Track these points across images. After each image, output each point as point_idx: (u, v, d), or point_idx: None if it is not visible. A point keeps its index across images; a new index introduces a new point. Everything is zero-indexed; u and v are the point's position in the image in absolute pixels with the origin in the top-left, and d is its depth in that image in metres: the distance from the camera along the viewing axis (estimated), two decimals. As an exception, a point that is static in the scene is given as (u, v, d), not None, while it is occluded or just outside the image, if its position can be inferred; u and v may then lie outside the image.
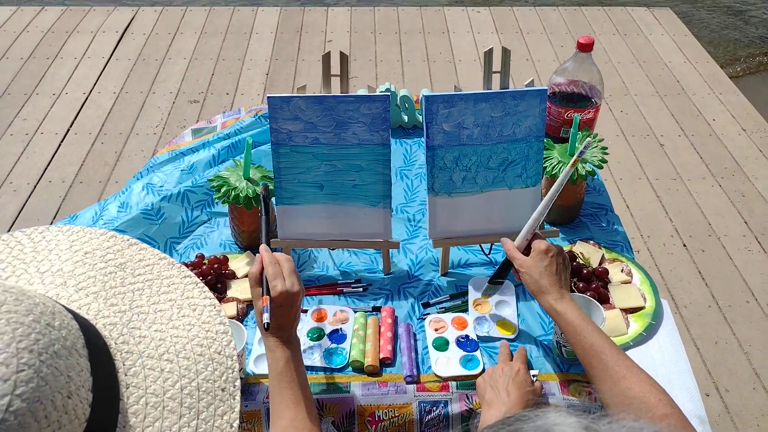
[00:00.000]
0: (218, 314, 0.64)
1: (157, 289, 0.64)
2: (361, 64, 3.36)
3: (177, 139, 1.58)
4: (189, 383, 0.57)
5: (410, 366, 1.02)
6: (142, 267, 0.65)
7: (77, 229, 0.67)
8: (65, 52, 3.41)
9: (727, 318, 2.12)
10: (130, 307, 0.61)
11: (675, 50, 3.54)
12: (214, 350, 0.60)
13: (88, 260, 0.64)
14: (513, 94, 1.07)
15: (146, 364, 0.56)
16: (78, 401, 0.47)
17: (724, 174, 2.71)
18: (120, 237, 0.68)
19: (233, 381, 0.59)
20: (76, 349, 0.49)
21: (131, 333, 0.58)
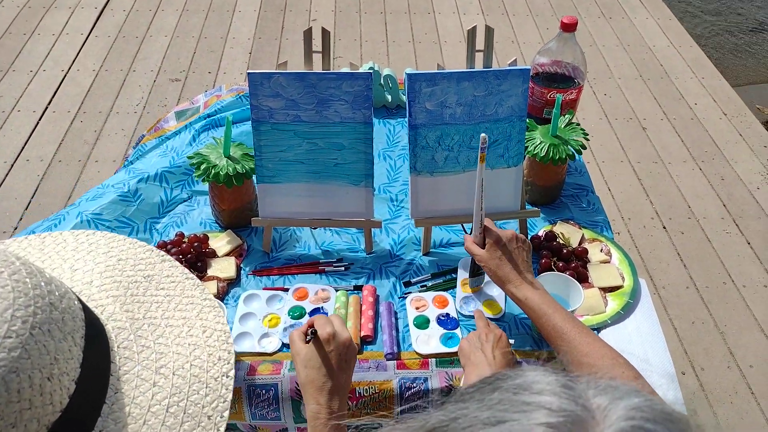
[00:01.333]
0: (226, 341, 0.63)
1: (176, 305, 0.64)
2: (346, 43, 3.33)
3: (162, 123, 1.56)
4: (176, 403, 0.56)
5: (391, 344, 1.02)
6: (168, 282, 0.66)
7: (120, 238, 0.69)
8: (42, 27, 3.33)
9: (704, 299, 2.16)
10: (143, 317, 0.61)
11: (659, 34, 3.56)
12: (211, 375, 0.60)
13: (119, 266, 0.65)
14: (496, 73, 1.06)
15: (141, 374, 0.56)
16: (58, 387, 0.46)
17: (704, 157, 2.75)
18: (156, 252, 0.69)
19: (222, 411, 0.58)
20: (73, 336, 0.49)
21: (136, 341, 0.58)
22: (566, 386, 0.35)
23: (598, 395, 0.34)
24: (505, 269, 0.94)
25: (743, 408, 1.85)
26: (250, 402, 0.99)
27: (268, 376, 0.99)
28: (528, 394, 0.34)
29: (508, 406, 0.34)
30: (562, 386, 0.35)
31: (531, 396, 0.34)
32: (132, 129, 2.73)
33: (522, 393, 0.35)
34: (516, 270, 0.94)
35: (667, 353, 1.06)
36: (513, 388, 0.35)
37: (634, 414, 0.33)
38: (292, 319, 1.06)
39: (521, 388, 0.35)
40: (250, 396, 0.99)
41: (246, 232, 1.23)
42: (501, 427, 0.33)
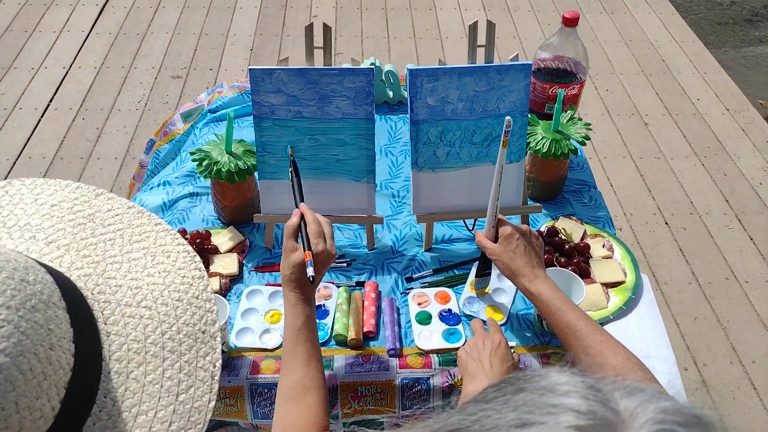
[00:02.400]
0: (192, 260, 0.63)
1: (129, 238, 0.63)
2: (347, 39, 3.32)
3: (170, 126, 1.57)
4: (169, 328, 0.57)
5: (393, 339, 1.02)
6: (112, 216, 0.65)
7: (41, 182, 0.66)
8: (44, 25, 3.33)
9: (707, 294, 2.15)
10: (103, 258, 0.60)
11: (661, 29, 3.54)
12: (192, 295, 0.60)
13: (55, 213, 0.63)
14: (497, 68, 1.06)
15: (125, 312, 0.56)
16: (61, 352, 0.48)
17: (707, 153, 2.74)
18: (86, 188, 0.66)
19: (212, 323, 0.60)
20: (53, 301, 0.49)
21: (107, 283, 0.58)
22: (593, 388, 0.34)
23: (625, 397, 0.34)
24: (519, 262, 0.93)
25: (746, 404, 1.85)
26: (253, 400, 0.99)
27: (271, 375, 0.99)
28: (554, 396, 0.34)
29: (533, 408, 0.34)
30: (589, 388, 0.34)
31: (557, 398, 0.34)
32: (134, 126, 2.73)
33: (548, 395, 0.34)
34: (530, 264, 0.93)
35: (670, 349, 1.06)
36: (538, 390, 0.35)
37: (664, 417, 0.32)
38: (295, 315, 1.06)
39: (547, 389, 0.34)
40: (252, 394, 0.99)
41: (248, 229, 1.23)
42: (527, 430, 0.32)
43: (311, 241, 0.86)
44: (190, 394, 0.56)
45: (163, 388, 0.55)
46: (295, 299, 0.86)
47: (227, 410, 1.00)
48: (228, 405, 1.00)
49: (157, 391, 0.55)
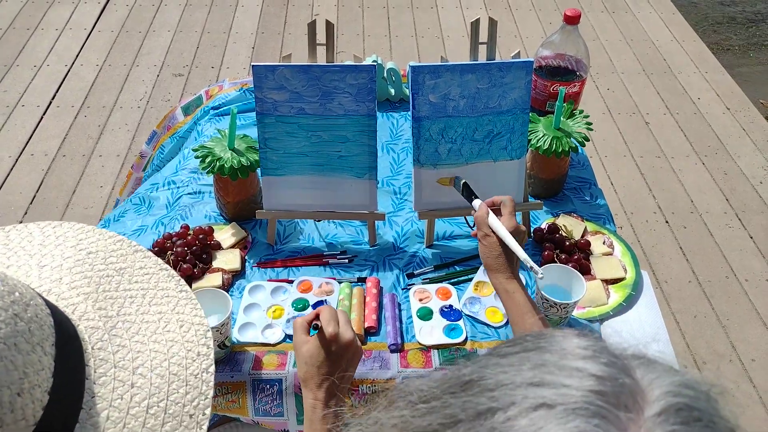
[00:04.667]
0: (205, 335, 0.61)
1: (150, 299, 0.62)
2: (349, 38, 3.33)
3: (171, 120, 1.57)
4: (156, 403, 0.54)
5: (394, 335, 1.03)
6: (142, 275, 0.64)
7: (89, 229, 0.66)
8: (46, 22, 3.34)
9: (707, 292, 2.16)
10: (117, 314, 0.59)
11: (662, 28, 3.55)
12: (191, 372, 0.57)
13: (89, 260, 0.62)
14: (499, 65, 1.07)
15: (118, 375, 0.54)
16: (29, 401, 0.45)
17: (707, 152, 2.74)
18: (127, 242, 0.66)
19: (203, 408, 0.56)
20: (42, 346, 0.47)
21: (111, 340, 0.56)
22: (612, 355, 0.35)
23: (642, 367, 0.34)
24: (501, 260, 0.93)
25: (745, 402, 1.86)
26: (254, 396, 0.99)
27: (273, 371, 0.99)
28: (574, 359, 0.34)
29: (553, 369, 0.34)
30: (609, 354, 0.35)
31: (577, 361, 0.34)
32: (136, 124, 2.73)
33: (569, 357, 0.34)
34: (510, 263, 0.94)
35: (669, 345, 1.07)
36: (558, 351, 0.35)
37: (680, 390, 0.33)
38: (296, 311, 1.07)
39: (567, 352, 0.35)
40: (254, 390, 0.99)
41: (250, 225, 1.23)
42: (545, 390, 0.33)
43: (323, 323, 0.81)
44: None
45: None
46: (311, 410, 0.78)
47: (229, 406, 1.01)
48: (230, 401, 1.00)
49: None
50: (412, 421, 0.36)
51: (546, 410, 0.32)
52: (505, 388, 0.34)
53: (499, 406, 0.33)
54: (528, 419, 0.32)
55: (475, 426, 0.33)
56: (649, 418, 0.32)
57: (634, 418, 0.32)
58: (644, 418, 0.32)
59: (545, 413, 0.32)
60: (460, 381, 0.36)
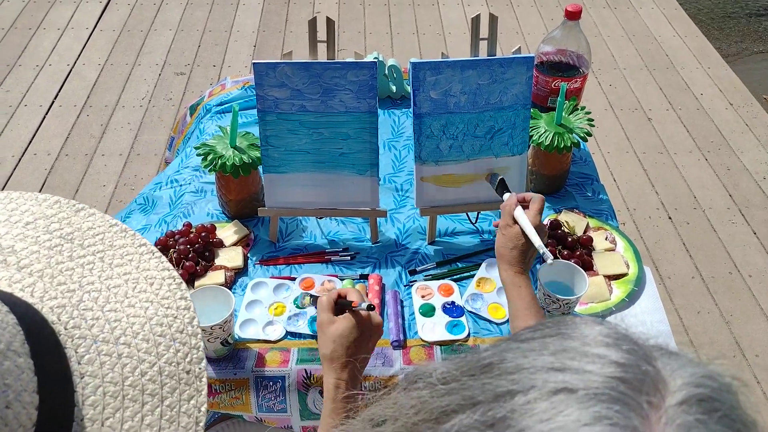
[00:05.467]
0: (179, 288, 0.57)
1: (110, 261, 0.57)
2: (350, 36, 3.32)
3: (182, 124, 1.58)
4: (150, 367, 0.52)
5: (397, 331, 1.03)
6: (92, 236, 0.58)
7: (15, 196, 0.59)
8: (48, 22, 3.34)
9: (710, 288, 2.15)
10: (80, 285, 0.54)
11: (664, 24, 3.54)
12: (176, 329, 0.55)
13: (30, 232, 0.56)
14: (500, 61, 1.06)
15: (101, 349, 0.51)
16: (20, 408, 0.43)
17: (710, 148, 2.74)
18: (65, 202, 0.60)
19: (198, 361, 0.54)
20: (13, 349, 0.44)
21: (83, 315, 0.52)
22: (635, 343, 0.34)
23: (664, 357, 0.34)
24: (520, 254, 0.93)
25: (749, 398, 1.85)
26: (258, 393, 1.00)
27: (277, 368, 0.99)
28: (597, 346, 0.34)
29: (575, 354, 0.34)
30: (631, 342, 0.34)
31: (599, 348, 0.34)
32: (138, 123, 2.74)
33: (591, 344, 0.34)
34: (524, 261, 0.93)
35: (673, 341, 1.06)
36: (579, 338, 0.35)
37: (702, 381, 0.33)
38: (298, 308, 1.07)
39: (589, 338, 0.35)
40: (257, 387, 0.99)
41: (253, 222, 1.24)
42: (566, 374, 0.32)
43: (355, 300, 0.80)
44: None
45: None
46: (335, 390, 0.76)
47: (232, 403, 1.01)
48: (233, 398, 1.00)
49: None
50: (431, 401, 0.36)
51: (567, 394, 0.32)
52: (525, 372, 0.33)
53: (519, 388, 0.33)
54: (548, 402, 0.31)
55: (494, 407, 0.32)
56: (671, 407, 0.31)
57: (655, 406, 0.31)
58: (665, 407, 0.31)
59: (566, 397, 0.31)
60: (480, 363, 0.36)
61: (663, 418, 0.31)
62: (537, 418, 0.31)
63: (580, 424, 0.30)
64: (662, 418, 0.31)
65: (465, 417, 0.33)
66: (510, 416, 0.32)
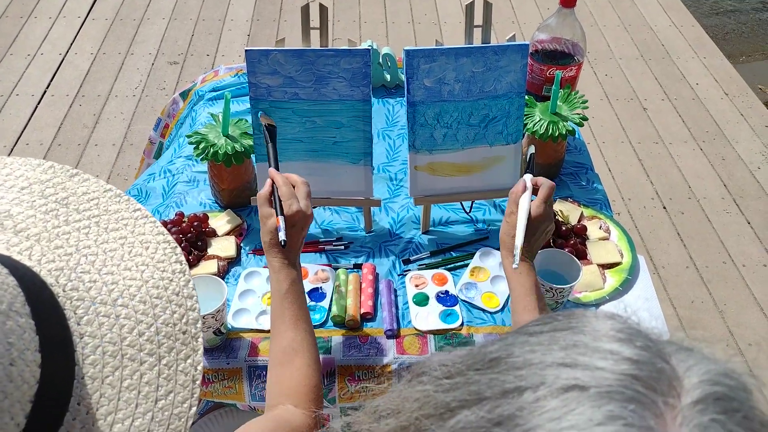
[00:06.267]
0: (174, 252, 0.59)
1: (105, 225, 0.58)
2: (345, 24, 3.30)
3: (173, 107, 1.57)
4: (147, 328, 0.54)
5: (390, 320, 1.03)
6: (87, 201, 0.60)
7: (10, 161, 0.60)
8: (39, 11, 3.31)
9: (704, 278, 2.16)
10: (77, 249, 0.56)
11: (660, 13, 3.52)
12: (172, 291, 0.56)
13: (25, 197, 0.58)
14: (494, 48, 1.06)
15: (99, 310, 0.53)
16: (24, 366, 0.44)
17: (705, 138, 2.74)
18: (59, 167, 0.61)
19: (194, 322, 0.56)
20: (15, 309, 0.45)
21: (80, 278, 0.54)
22: (648, 339, 0.33)
23: (678, 353, 0.33)
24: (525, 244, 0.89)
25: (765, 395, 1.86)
26: (251, 382, 0.99)
27: (269, 357, 0.99)
28: (609, 342, 0.33)
29: (586, 350, 0.32)
30: (644, 338, 0.33)
31: (612, 344, 0.33)
32: (131, 113, 2.72)
33: (603, 340, 0.33)
34: (530, 250, 0.91)
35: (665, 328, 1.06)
36: (592, 333, 0.34)
37: (719, 379, 0.32)
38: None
39: (602, 334, 0.33)
40: (250, 376, 0.99)
41: (246, 212, 1.23)
42: (578, 371, 0.31)
43: (283, 204, 0.86)
44: (170, 400, 0.52)
45: (141, 394, 0.51)
46: (279, 264, 0.86)
47: (225, 392, 1.01)
48: (226, 387, 1.00)
49: (135, 397, 0.51)
50: (435, 396, 0.35)
51: (578, 392, 0.30)
52: (534, 368, 0.32)
53: (528, 385, 0.31)
54: (559, 400, 0.30)
55: (501, 404, 0.31)
56: (687, 406, 0.30)
57: (671, 405, 0.30)
58: (681, 406, 0.30)
59: (578, 395, 0.30)
60: (486, 358, 0.35)
61: (678, 418, 0.30)
62: (547, 416, 0.30)
63: (593, 423, 0.29)
64: (678, 417, 0.30)
65: (470, 413, 0.32)
66: (518, 414, 0.31)
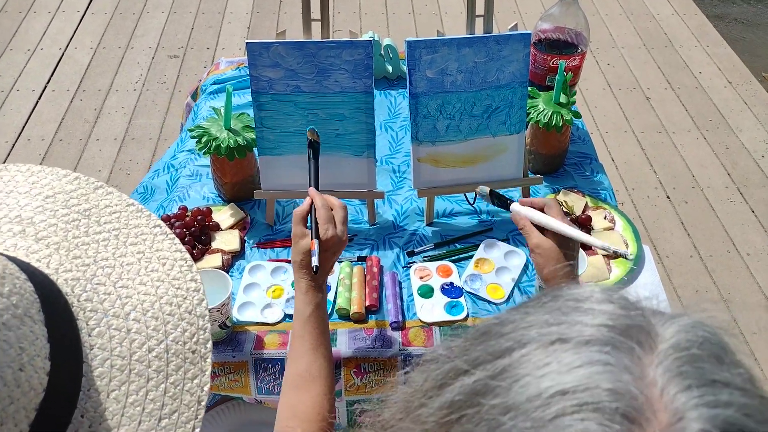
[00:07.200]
0: (189, 270, 0.59)
1: (125, 239, 0.59)
2: (345, 16, 3.28)
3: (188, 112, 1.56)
4: (157, 345, 0.54)
5: (396, 313, 1.03)
6: (109, 214, 0.60)
7: (38, 170, 0.61)
8: (38, 5, 3.29)
9: (708, 267, 2.16)
10: (94, 260, 0.56)
11: (663, 2, 3.50)
12: (185, 309, 0.56)
13: (49, 206, 0.58)
14: (497, 38, 1.05)
15: (111, 323, 0.53)
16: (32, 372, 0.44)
17: (708, 126, 2.72)
18: (85, 179, 0.62)
19: (204, 342, 0.56)
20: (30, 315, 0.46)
21: (95, 290, 0.54)
22: (628, 300, 0.36)
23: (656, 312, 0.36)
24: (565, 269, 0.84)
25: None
26: (257, 375, 1.00)
27: (276, 351, 0.99)
28: (591, 303, 0.36)
29: (569, 311, 0.35)
30: (623, 298, 0.36)
31: (592, 304, 0.35)
32: (132, 107, 2.71)
33: (585, 302, 0.36)
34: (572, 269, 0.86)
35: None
36: (575, 297, 0.36)
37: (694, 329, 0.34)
38: (297, 290, 1.07)
39: (584, 298, 0.36)
40: (256, 370, 0.99)
41: (249, 205, 1.23)
42: (561, 327, 0.34)
43: (320, 228, 0.84)
44: (173, 419, 0.52)
45: (145, 411, 0.51)
46: (306, 286, 0.85)
47: (231, 385, 1.01)
48: (232, 380, 1.00)
49: (138, 414, 0.51)
50: (436, 369, 0.38)
51: (561, 344, 0.33)
52: (522, 330, 0.35)
53: (516, 345, 0.35)
54: (544, 352, 0.33)
55: (495, 365, 0.34)
56: (662, 351, 0.33)
57: (647, 349, 0.33)
58: (657, 351, 0.33)
59: (560, 346, 0.33)
60: (479, 331, 0.38)
61: (655, 361, 0.32)
62: (534, 365, 0.33)
63: (573, 366, 0.32)
64: (654, 360, 0.32)
65: (468, 377, 0.35)
66: (509, 366, 0.34)
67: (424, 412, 0.36)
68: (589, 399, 0.31)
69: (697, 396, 0.31)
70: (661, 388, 0.31)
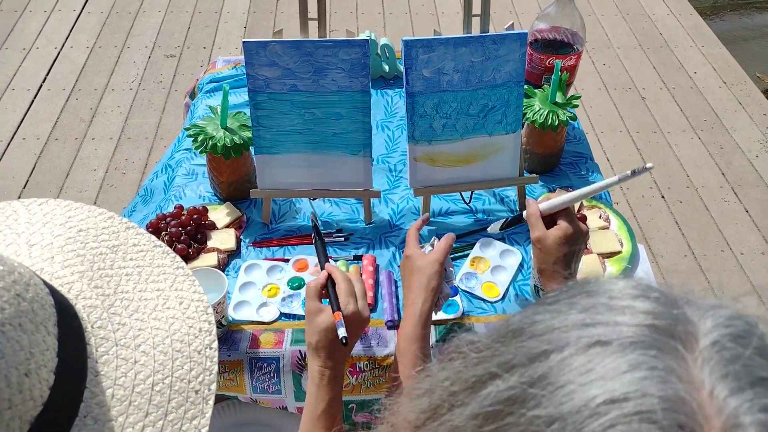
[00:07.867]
0: (205, 311, 0.60)
1: (147, 276, 0.61)
2: (342, 16, 3.29)
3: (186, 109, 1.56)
4: (162, 380, 0.54)
5: (391, 311, 1.03)
6: (136, 252, 0.63)
7: (77, 206, 0.64)
8: (34, 4, 3.29)
9: (702, 267, 2.17)
10: (114, 292, 0.58)
11: (658, 2, 3.51)
12: (194, 348, 0.57)
13: (80, 238, 0.61)
14: (493, 37, 1.05)
15: (120, 353, 0.53)
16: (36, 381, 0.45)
17: (703, 126, 2.73)
18: (118, 219, 0.65)
19: (209, 384, 0.56)
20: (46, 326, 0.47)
21: (110, 319, 0.55)
22: (661, 292, 0.35)
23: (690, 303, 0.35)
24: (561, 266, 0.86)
25: None
26: (252, 374, 1.00)
27: (270, 349, 0.99)
28: (624, 299, 0.34)
29: (603, 309, 0.34)
30: (658, 291, 0.35)
31: (627, 300, 0.34)
32: (128, 106, 2.71)
33: (618, 298, 0.34)
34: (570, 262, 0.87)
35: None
36: (606, 293, 0.35)
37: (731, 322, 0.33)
38: (292, 289, 1.07)
39: (616, 293, 0.35)
40: (251, 368, 0.99)
41: (245, 204, 1.23)
42: (598, 328, 0.33)
43: (341, 301, 0.80)
44: None
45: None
46: (319, 376, 0.79)
47: (226, 384, 1.01)
48: (227, 379, 1.00)
49: None
50: (465, 371, 0.36)
51: (601, 347, 0.32)
52: (557, 331, 0.34)
53: (553, 348, 0.33)
54: (585, 357, 0.32)
55: (530, 369, 0.33)
56: (705, 348, 0.32)
57: (689, 349, 0.32)
58: (700, 349, 0.32)
59: (601, 350, 0.32)
60: (509, 329, 0.36)
61: (699, 360, 0.31)
62: (576, 372, 0.31)
63: (620, 372, 0.30)
64: (698, 359, 0.31)
65: (502, 382, 0.33)
66: (549, 374, 0.32)
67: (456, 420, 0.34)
68: (641, 407, 0.29)
69: (750, 399, 0.29)
70: (710, 391, 0.30)
